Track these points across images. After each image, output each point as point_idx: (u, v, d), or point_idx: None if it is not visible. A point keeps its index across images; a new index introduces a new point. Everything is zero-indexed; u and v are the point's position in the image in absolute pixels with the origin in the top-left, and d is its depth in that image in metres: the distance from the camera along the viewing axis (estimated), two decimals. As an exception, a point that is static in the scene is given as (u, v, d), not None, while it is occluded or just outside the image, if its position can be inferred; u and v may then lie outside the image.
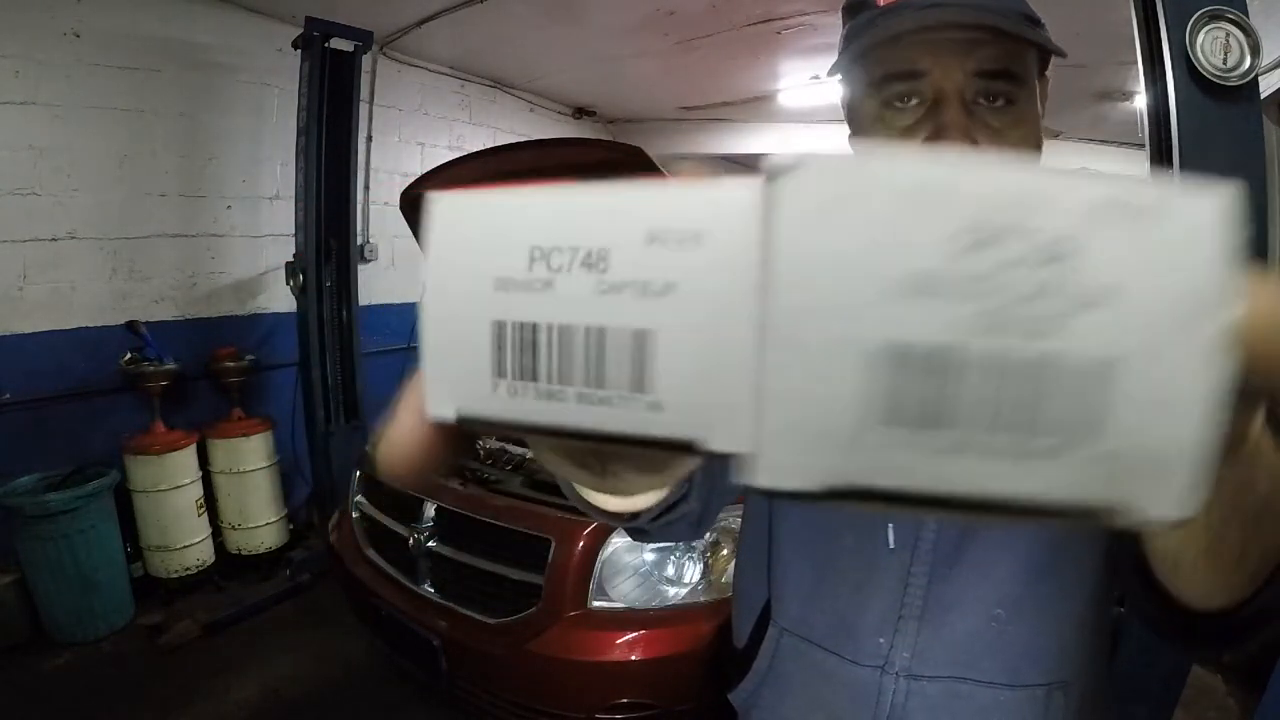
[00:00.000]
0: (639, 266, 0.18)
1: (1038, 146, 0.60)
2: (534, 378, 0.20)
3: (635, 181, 0.19)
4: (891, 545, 0.64)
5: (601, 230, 0.19)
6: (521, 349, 0.20)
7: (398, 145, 4.38)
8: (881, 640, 0.65)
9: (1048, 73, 0.62)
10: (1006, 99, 0.57)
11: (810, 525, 0.70)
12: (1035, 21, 0.59)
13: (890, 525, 0.64)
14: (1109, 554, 0.58)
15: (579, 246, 0.19)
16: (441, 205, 0.19)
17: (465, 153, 2.46)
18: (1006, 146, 0.57)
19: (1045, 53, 0.59)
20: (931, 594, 0.64)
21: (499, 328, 0.20)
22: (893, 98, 0.58)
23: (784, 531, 0.73)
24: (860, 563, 0.66)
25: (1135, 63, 1.57)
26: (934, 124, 0.56)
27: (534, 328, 0.19)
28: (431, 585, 2.00)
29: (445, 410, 0.21)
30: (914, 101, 0.57)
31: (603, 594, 1.78)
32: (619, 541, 1.79)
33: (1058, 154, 6.09)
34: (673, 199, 0.19)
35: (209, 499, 3.17)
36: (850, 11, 0.63)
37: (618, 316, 0.19)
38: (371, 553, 2.21)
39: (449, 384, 0.21)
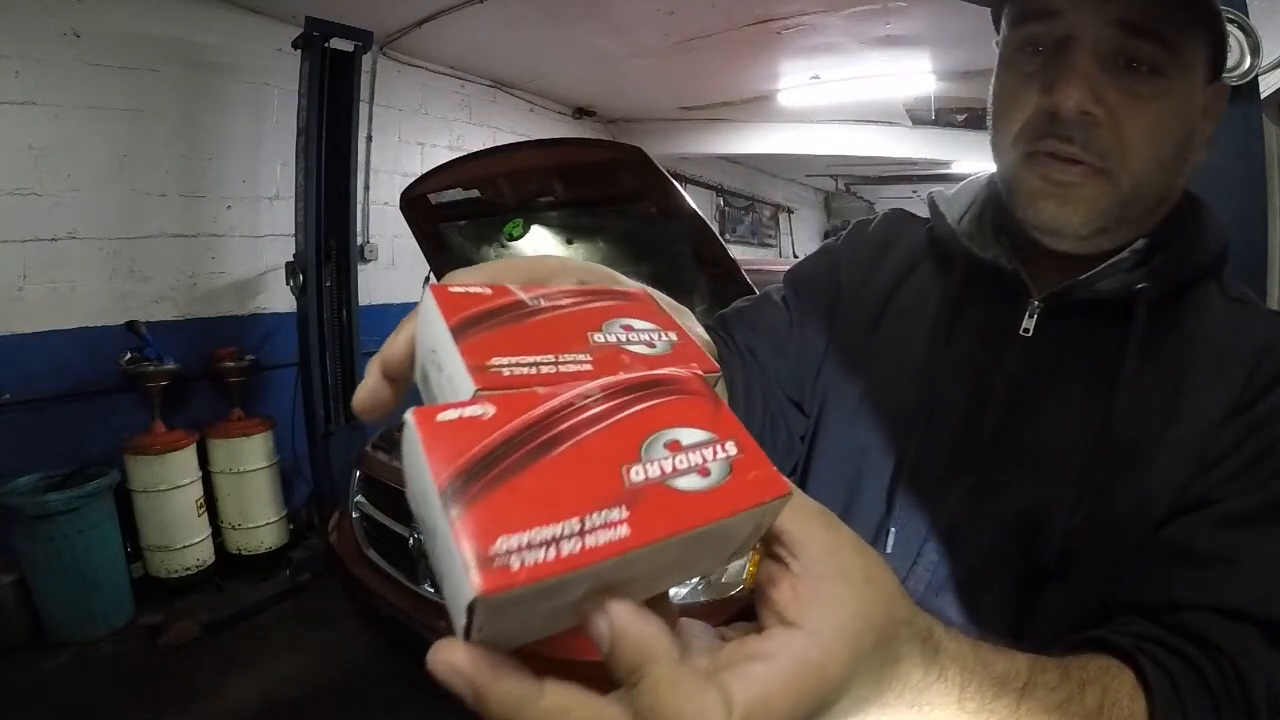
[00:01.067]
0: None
1: (1184, 133, 0.54)
2: None
3: None
4: (889, 550, 0.62)
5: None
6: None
7: (398, 145, 4.38)
8: None
9: (1220, 83, 0.55)
10: (1152, 67, 0.50)
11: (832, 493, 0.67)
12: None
13: (891, 530, 0.62)
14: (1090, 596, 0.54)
15: None
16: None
17: (465, 153, 2.46)
18: (1140, 125, 0.51)
19: (1218, 56, 0.54)
20: (948, 583, 0.61)
21: None
22: (1025, 40, 0.54)
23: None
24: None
25: (1135, 63, 1.57)
26: (1053, 72, 0.51)
27: None
28: (431, 585, 2.00)
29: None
30: (1044, 31, 0.52)
31: (603, 594, 1.78)
32: (619, 541, 1.79)
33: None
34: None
35: (209, 499, 3.17)
36: None
37: None
38: (371, 553, 2.21)
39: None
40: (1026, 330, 0.59)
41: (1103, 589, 0.52)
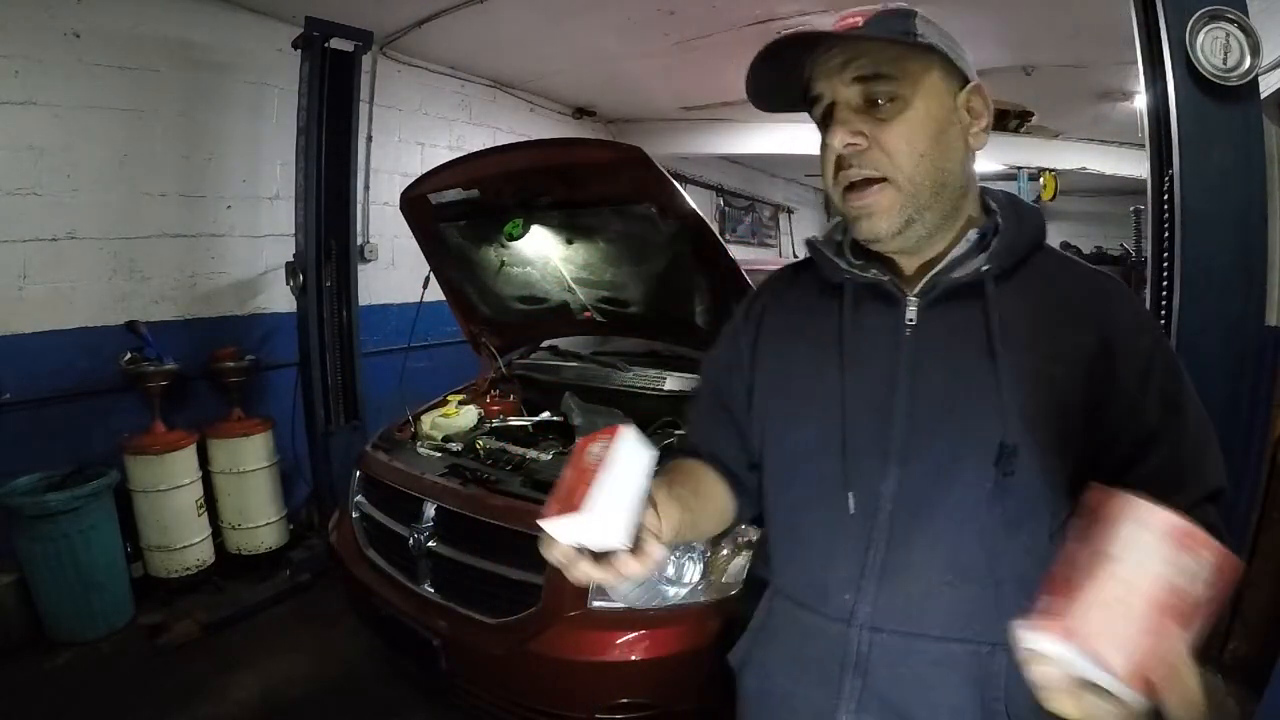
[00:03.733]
0: None
1: (935, 133, 0.72)
2: None
3: None
4: (852, 510, 0.75)
5: None
6: None
7: (398, 145, 4.38)
8: (848, 597, 0.76)
9: (973, 84, 0.75)
10: (889, 97, 0.70)
11: (790, 503, 0.84)
12: (910, 33, 0.71)
13: (850, 494, 0.76)
14: (1056, 532, 0.69)
15: None
16: None
17: (465, 153, 2.46)
18: (893, 137, 0.70)
19: (949, 64, 0.73)
20: (890, 558, 0.74)
21: None
22: (817, 120, 0.76)
23: (776, 511, 0.86)
24: (829, 529, 0.78)
25: (1135, 63, 1.57)
26: (830, 130, 0.73)
27: None
28: (431, 585, 2.00)
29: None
30: (819, 110, 0.75)
31: (603, 594, 1.77)
32: (619, 541, 1.79)
33: (1058, 153, 6.10)
34: None
35: (209, 499, 3.17)
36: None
37: None
38: (371, 553, 2.21)
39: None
40: (911, 321, 0.76)
41: (1039, 488, 0.68)
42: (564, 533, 0.59)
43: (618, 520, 0.58)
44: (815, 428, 0.79)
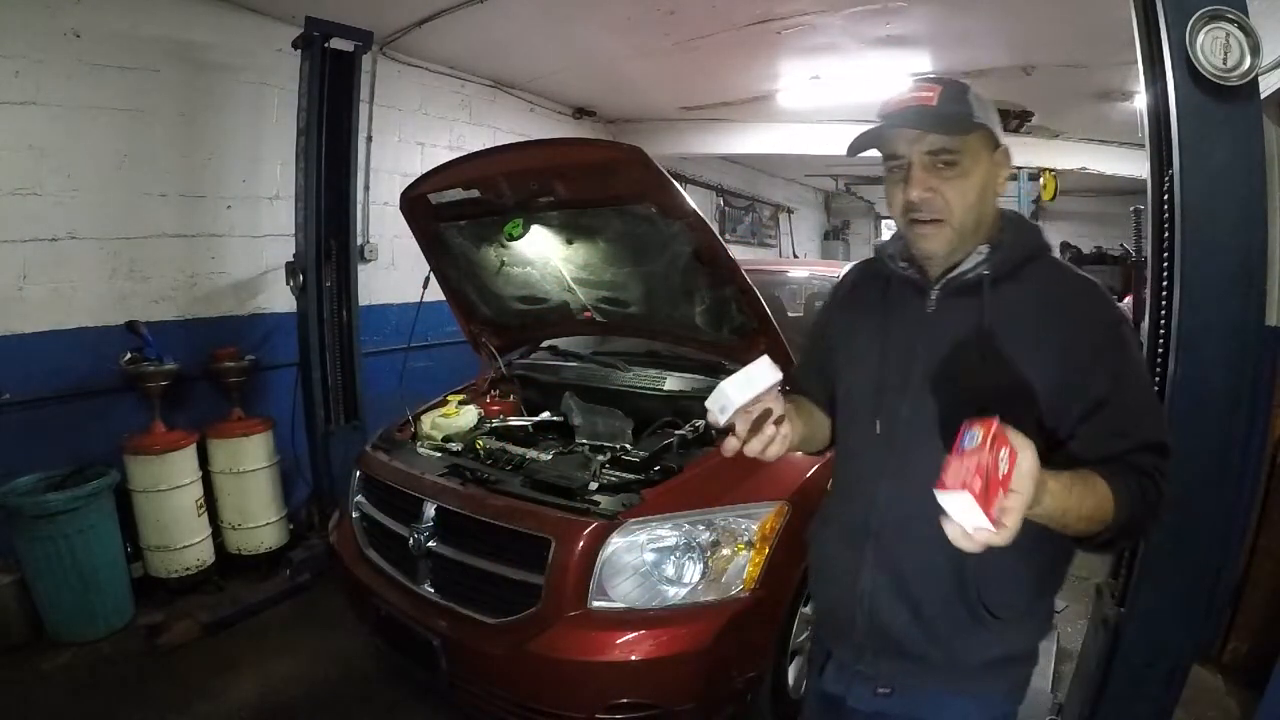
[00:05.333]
0: None
1: (980, 190, 1.02)
2: None
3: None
4: (878, 431, 1.09)
5: None
6: None
7: (398, 145, 4.38)
8: (871, 488, 1.10)
9: (1002, 147, 1.05)
10: (948, 164, 0.99)
11: (844, 425, 1.20)
12: (968, 114, 0.99)
13: (878, 420, 1.09)
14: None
15: None
16: None
17: (465, 153, 2.46)
18: (951, 193, 1.00)
19: (992, 137, 1.03)
20: (900, 464, 1.06)
21: None
22: (892, 168, 1.05)
23: (838, 431, 1.23)
24: (863, 443, 1.14)
25: (1135, 63, 1.57)
26: (907, 180, 1.02)
27: None
28: (431, 585, 2.00)
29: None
30: (897, 164, 1.03)
31: (603, 594, 1.78)
32: (619, 541, 1.79)
33: (1058, 153, 6.10)
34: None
35: (209, 499, 3.17)
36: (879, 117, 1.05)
37: None
38: (371, 553, 2.21)
39: None
40: (931, 307, 1.08)
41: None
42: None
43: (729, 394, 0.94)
44: (863, 373, 1.13)
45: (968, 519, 0.71)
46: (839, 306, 1.26)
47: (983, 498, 0.70)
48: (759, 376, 0.93)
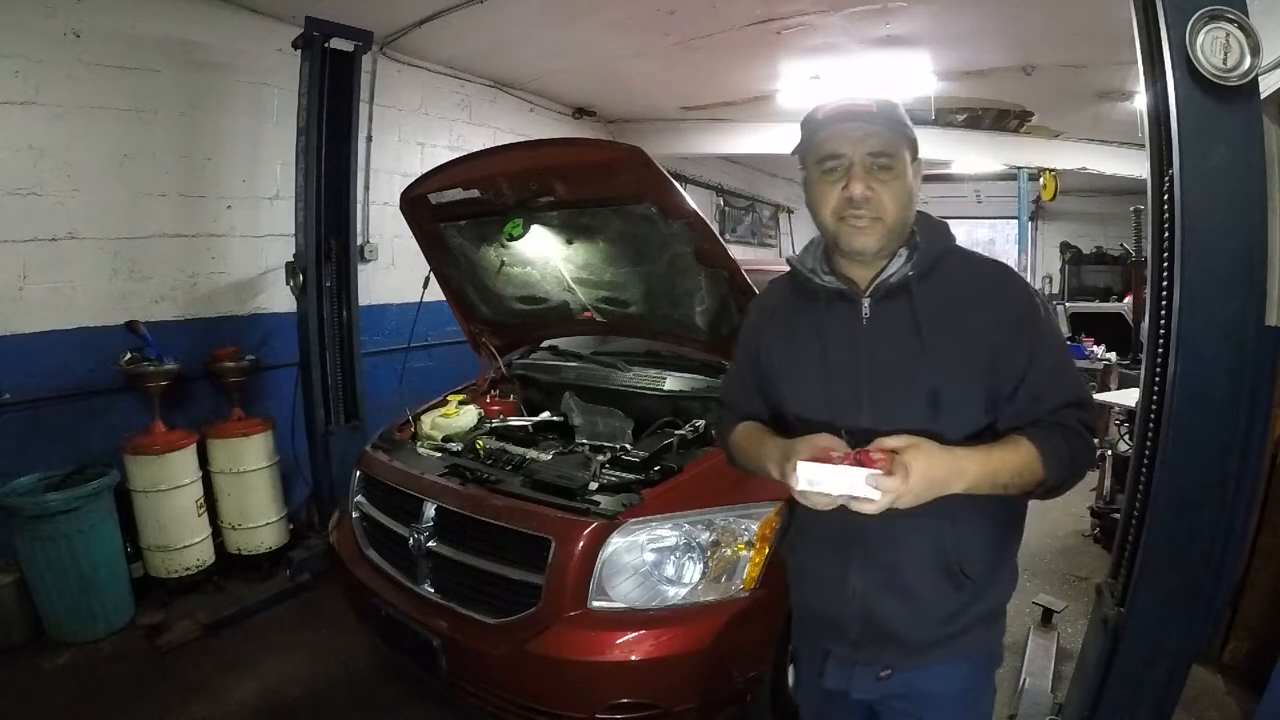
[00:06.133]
0: None
1: (909, 194, 1.10)
2: None
3: None
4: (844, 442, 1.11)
5: None
6: None
7: (398, 145, 4.38)
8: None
9: (919, 159, 1.13)
10: (886, 167, 1.07)
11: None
12: (904, 125, 1.08)
13: (842, 432, 1.07)
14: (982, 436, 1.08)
15: None
16: None
17: (465, 153, 2.46)
18: (888, 195, 1.07)
19: (914, 147, 1.11)
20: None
21: None
22: (829, 169, 1.09)
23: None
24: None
25: (1135, 63, 1.57)
26: (847, 179, 1.07)
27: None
28: (431, 585, 2.00)
29: None
30: (836, 164, 1.08)
31: (603, 594, 1.78)
32: (619, 541, 1.79)
33: (1058, 153, 6.10)
34: None
35: (209, 499, 3.17)
36: (805, 124, 1.11)
37: None
38: (371, 553, 2.21)
39: None
40: (866, 314, 1.13)
41: (959, 418, 1.06)
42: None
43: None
44: (812, 392, 1.16)
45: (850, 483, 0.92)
46: (768, 329, 1.26)
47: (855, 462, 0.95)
48: (858, 486, 0.93)
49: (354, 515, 2.33)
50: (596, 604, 1.77)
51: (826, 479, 0.93)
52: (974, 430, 1.07)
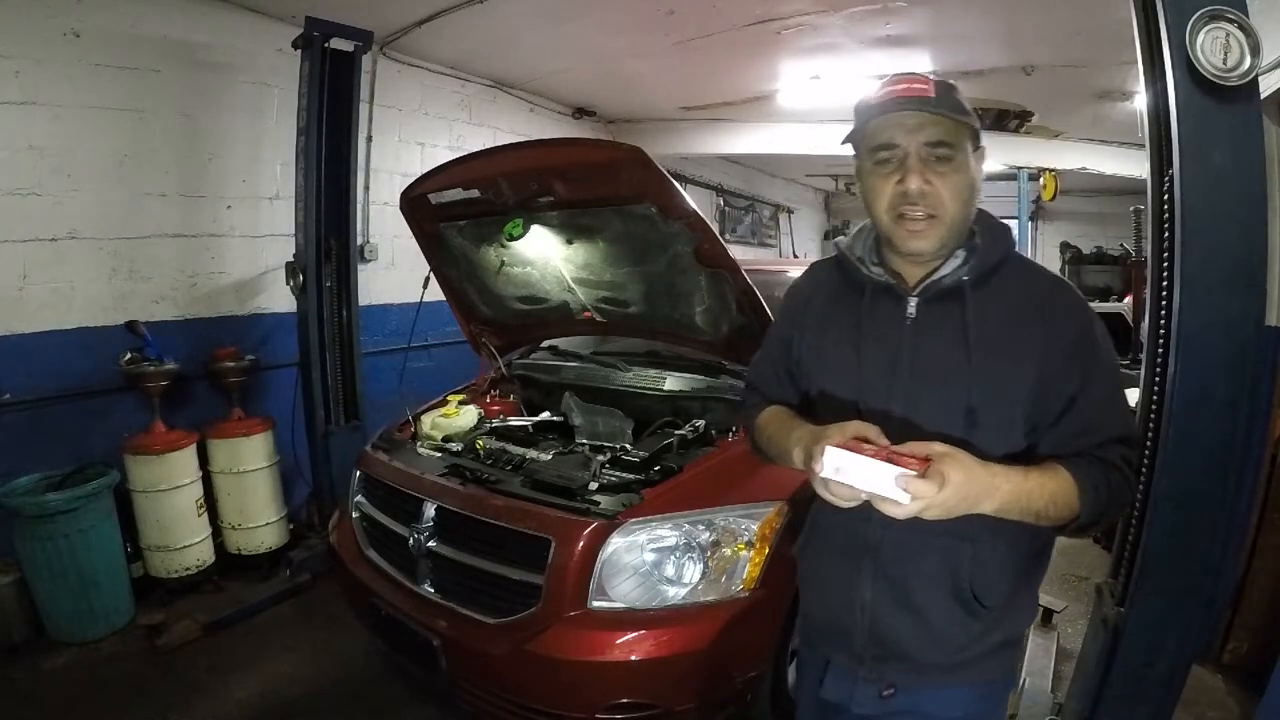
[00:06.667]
0: None
1: (971, 188, 1.01)
2: None
3: None
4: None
5: None
6: None
7: (398, 145, 4.38)
8: (868, 504, 0.99)
9: (981, 146, 1.04)
10: (945, 158, 0.98)
11: None
12: (965, 114, 0.98)
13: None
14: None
15: None
16: None
17: (465, 153, 2.46)
18: (947, 188, 0.98)
19: (977, 135, 1.02)
20: None
21: None
22: (882, 160, 1.01)
23: None
24: None
25: (1135, 63, 1.57)
26: (903, 171, 0.99)
27: None
28: (431, 585, 2.00)
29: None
30: (890, 154, 1.00)
31: (603, 594, 1.78)
32: (619, 541, 1.79)
33: (1058, 153, 6.10)
34: None
35: (209, 499, 3.17)
36: (858, 109, 1.03)
37: None
38: (371, 553, 2.21)
39: None
40: (911, 314, 1.05)
41: (996, 437, 0.98)
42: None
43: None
44: (841, 384, 1.09)
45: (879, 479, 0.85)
46: (804, 314, 1.19)
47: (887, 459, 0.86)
48: (886, 485, 0.85)
49: (354, 515, 2.33)
50: (596, 604, 1.77)
51: (853, 469, 0.85)
52: (1010, 452, 0.99)
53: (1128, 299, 5.95)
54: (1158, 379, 1.57)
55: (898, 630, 1.08)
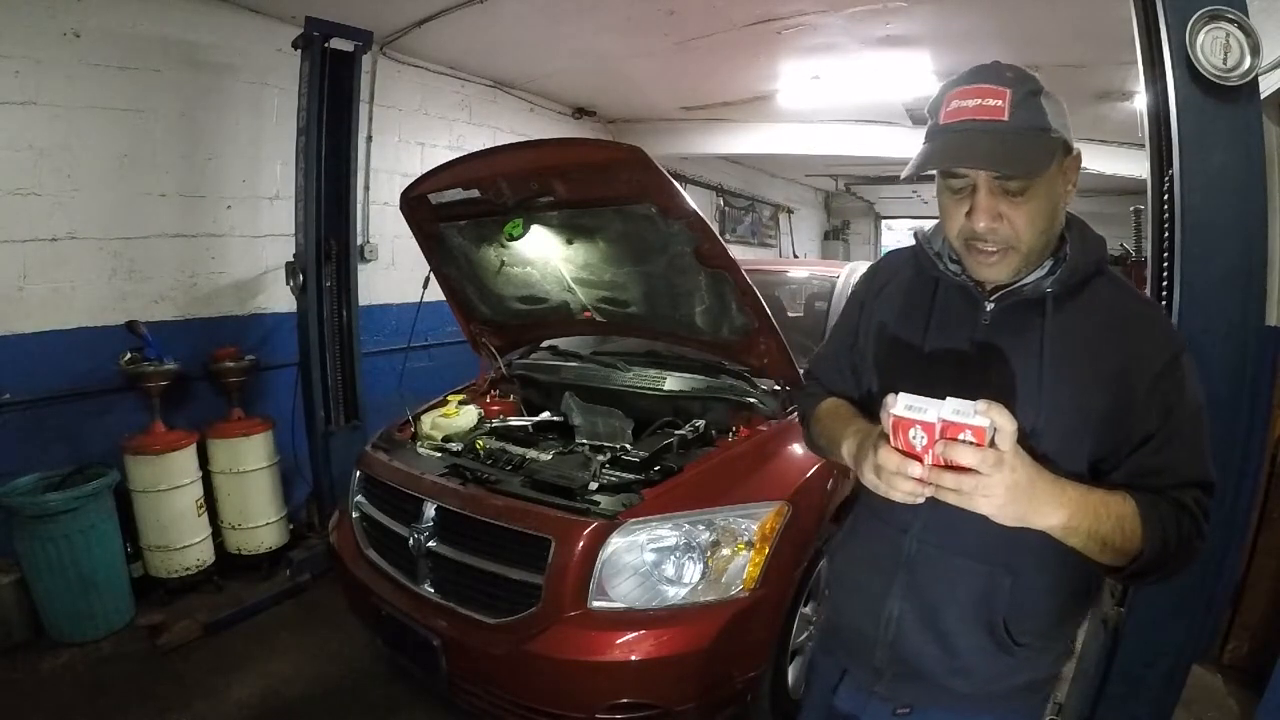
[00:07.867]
0: None
1: (1053, 211, 0.92)
2: None
3: None
4: None
5: None
6: None
7: (398, 145, 4.38)
8: (909, 515, 1.00)
9: (1075, 151, 0.93)
10: (1017, 191, 0.88)
11: None
12: (1046, 129, 0.87)
13: None
14: None
15: None
16: None
17: (465, 153, 2.46)
18: (1021, 218, 0.90)
19: (1067, 145, 0.91)
20: None
21: None
22: (951, 179, 0.93)
23: None
24: None
25: (1135, 63, 1.57)
26: (970, 203, 0.91)
27: None
28: (431, 585, 2.00)
29: None
30: (961, 184, 0.92)
31: (603, 594, 1.78)
32: (619, 541, 1.79)
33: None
34: None
35: (209, 499, 3.17)
36: (929, 126, 0.94)
37: None
38: (371, 553, 2.21)
39: None
40: (986, 318, 0.99)
41: (1057, 463, 0.86)
42: None
43: None
44: (902, 375, 1.00)
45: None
46: (874, 301, 1.14)
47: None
48: (965, 413, 0.74)
49: (354, 515, 2.33)
50: (596, 604, 1.77)
51: (929, 406, 0.75)
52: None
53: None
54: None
55: (921, 651, 1.03)
